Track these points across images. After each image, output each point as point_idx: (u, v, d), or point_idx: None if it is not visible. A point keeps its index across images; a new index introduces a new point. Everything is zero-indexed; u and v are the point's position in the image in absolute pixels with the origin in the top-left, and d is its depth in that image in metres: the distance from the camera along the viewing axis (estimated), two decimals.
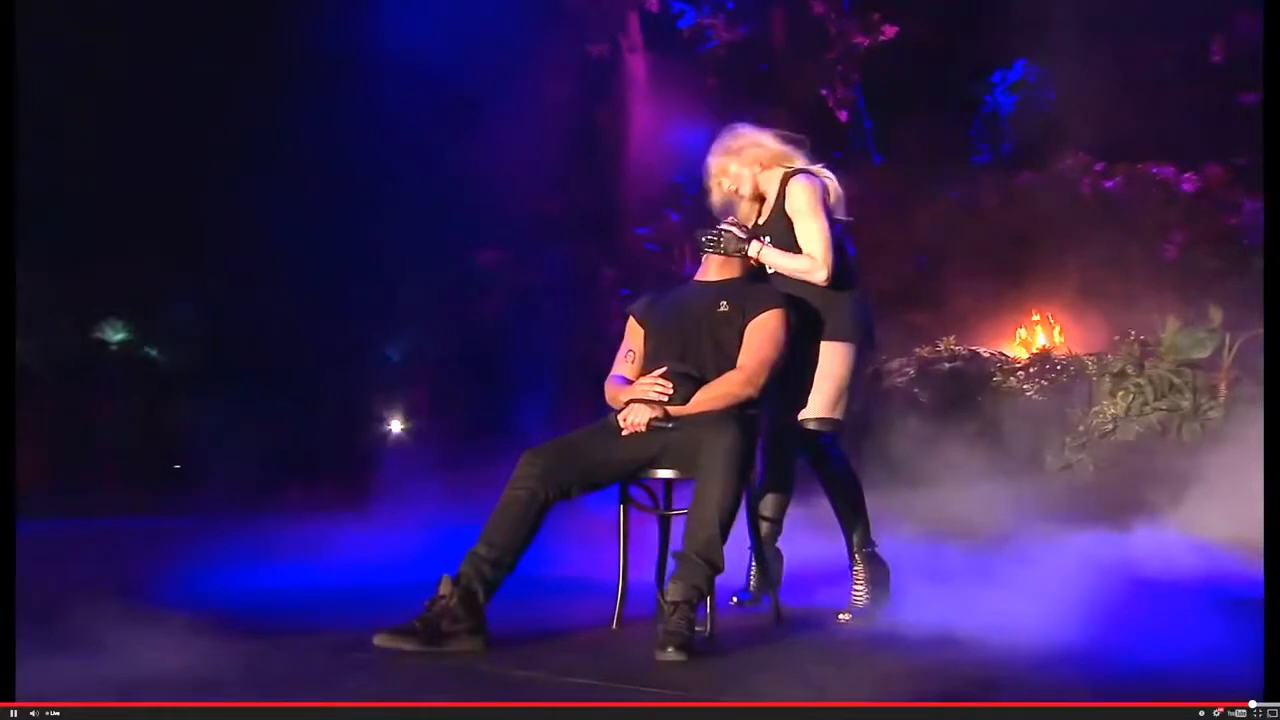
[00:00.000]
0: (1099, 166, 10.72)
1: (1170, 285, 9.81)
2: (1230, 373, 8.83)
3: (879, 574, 4.20)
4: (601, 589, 4.24)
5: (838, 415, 4.22)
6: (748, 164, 4.31)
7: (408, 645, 3.46)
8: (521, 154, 10.00)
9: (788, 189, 4.22)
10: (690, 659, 3.39)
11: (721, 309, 4.05)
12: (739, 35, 10.00)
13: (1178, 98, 10.82)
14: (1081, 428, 8.53)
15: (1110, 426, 8.51)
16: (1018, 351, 9.72)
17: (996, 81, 11.19)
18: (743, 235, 4.18)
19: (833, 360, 4.21)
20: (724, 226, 4.18)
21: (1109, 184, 10.66)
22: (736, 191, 4.31)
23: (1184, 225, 10.44)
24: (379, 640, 3.46)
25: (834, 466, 4.24)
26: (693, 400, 3.88)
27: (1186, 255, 10.35)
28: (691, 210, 10.43)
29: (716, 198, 4.36)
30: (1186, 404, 8.71)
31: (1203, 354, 8.78)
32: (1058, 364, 8.96)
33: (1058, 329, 10.16)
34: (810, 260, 4.14)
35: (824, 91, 10.03)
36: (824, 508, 4.42)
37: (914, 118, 10.40)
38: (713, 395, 3.88)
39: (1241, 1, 11.11)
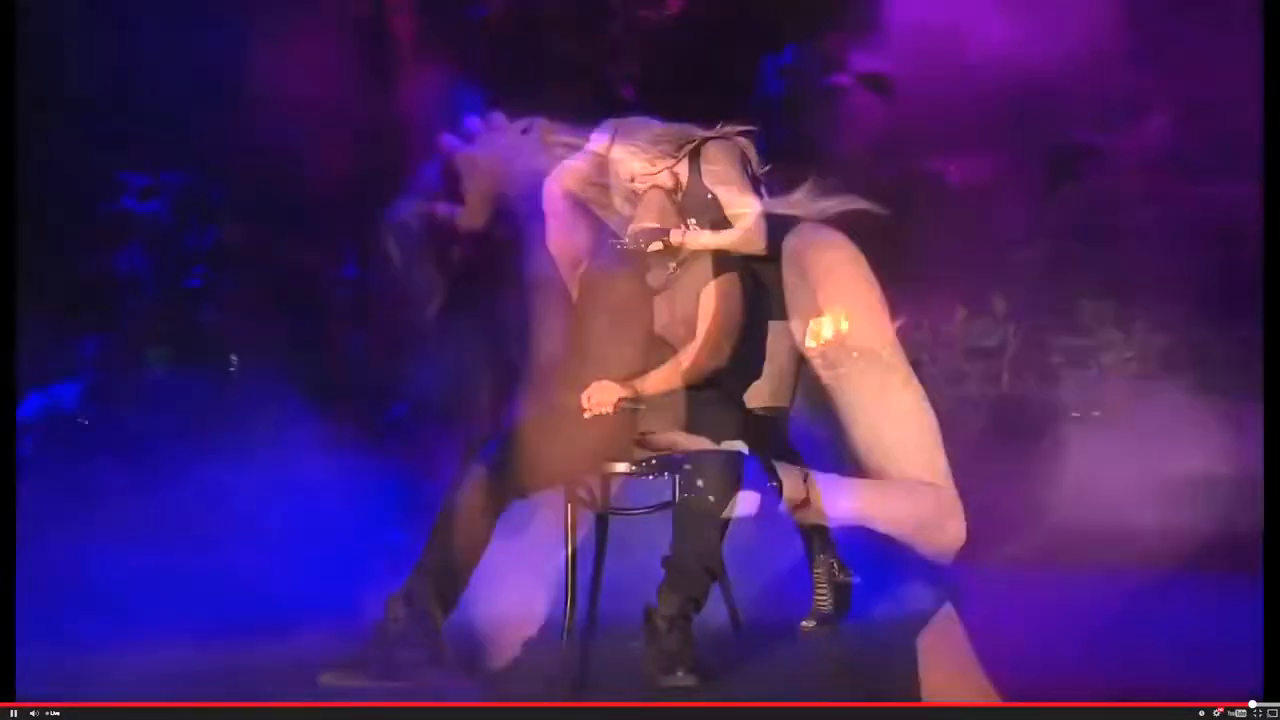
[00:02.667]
0: None
1: (944, 275, 9.88)
2: (1012, 363, 9.03)
3: (842, 578, 3.85)
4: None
5: (784, 402, 4.17)
6: (655, 158, 3.92)
7: (358, 681, 3.05)
8: (270, 123, 9.05)
9: (701, 160, 4.02)
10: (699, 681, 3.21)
11: (671, 271, 3.63)
12: (513, 1, 9.35)
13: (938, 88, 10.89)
14: None
15: None
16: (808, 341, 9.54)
17: (767, 66, 11.00)
18: (656, 225, 3.95)
19: (776, 342, 4.25)
20: (633, 230, 3.94)
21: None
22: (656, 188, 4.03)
23: (953, 216, 10.53)
24: (327, 680, 2.91)
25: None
26: (656, 377, 3.45)
27: (957, 245, 10.44)
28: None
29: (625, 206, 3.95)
30: (974, 394, 8.87)
31: (991, 343, 8.96)
32: (853, 352, 8.79)
33: (845, 318, 10.02)
34: (744, 231, 3.79)
35: (607, 66, 9.52)
36: None
37: (688, 99, 10.02)
38: (678, 370, 3.46)
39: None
